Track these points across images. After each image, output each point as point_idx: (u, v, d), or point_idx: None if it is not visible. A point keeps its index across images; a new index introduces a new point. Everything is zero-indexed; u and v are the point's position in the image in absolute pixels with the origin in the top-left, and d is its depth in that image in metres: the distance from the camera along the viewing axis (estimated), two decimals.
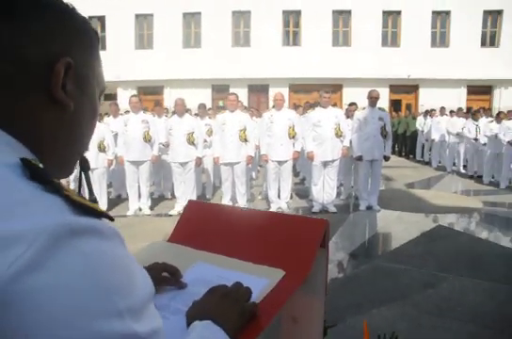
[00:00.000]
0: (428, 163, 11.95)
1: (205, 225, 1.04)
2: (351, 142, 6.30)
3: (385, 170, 9.79)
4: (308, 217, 0.97)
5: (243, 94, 16.50)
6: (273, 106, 6.42)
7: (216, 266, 0.93)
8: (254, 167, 8.76)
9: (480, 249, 4.74)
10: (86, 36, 0.55)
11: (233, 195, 6.31)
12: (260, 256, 0.91)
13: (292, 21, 18.98)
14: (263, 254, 0.94)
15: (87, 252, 0.39)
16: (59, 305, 0.37)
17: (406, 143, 14.04)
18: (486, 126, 8.91)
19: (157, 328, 0.46)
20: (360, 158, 6.27)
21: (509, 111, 8.96)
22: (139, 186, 6.27)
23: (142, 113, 6.26)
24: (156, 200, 7.12)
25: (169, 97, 16.98)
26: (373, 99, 6.18)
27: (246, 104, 15.59)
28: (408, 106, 18.71)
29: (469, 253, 4.57)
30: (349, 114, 7.03)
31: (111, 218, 0.45)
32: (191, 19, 18.83)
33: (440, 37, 19.20)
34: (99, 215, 0.43)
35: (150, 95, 18.57)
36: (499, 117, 8.66)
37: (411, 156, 13.53)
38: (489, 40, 19.39)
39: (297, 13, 18.71)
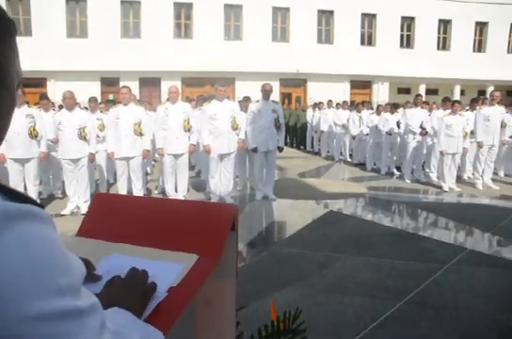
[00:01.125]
0: (318, 153, 12.73)
1: (116, 217, 1.03)
2: (246, 134, 6.47)
3: (279, 161, 10.17)
4: (218, 204, 1.03)
5: (134, 87, 15.94)
6: (167, 100, 6.35)
7: (129, 256, 0.94)
8: (149, 161, 8.60)
9: (366, 229, 5.20)
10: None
11: (129, 190, 6.15)
12: (174, 244, 0.94)
13: (183, 13, 18.76)
14: (176, 241, 0.96)
15: (25, 235, 0.41)
16: (2, 286, 0.38)
17: (296, 135, 14.73)
18: (367, 118, 9.73)
19: (95, 302, 0.48)
20: (254, 150, 6.47)
21: (386, 104, 9.87)
22: (25, 186, 5.83)
23: (26, 107, 5.80)
24: (46, 199, 6.67)
25: (53, 90, 15.86)
26: (266, 92, 6.41)
27: (137, 97, 15.13)
28: (298, 99, 19.65)
29: (357, 234, 4.99)
30: (243, 108, 7.18)
31: (41, 206, 0.46)
32: (76, 6, 17.72)
33: (325, 34, 20.34)
34: (30, 202, 0.44)
35: (32, 88, 17.15)
36: (378, 109, 9.50)
37: (302, 147, 14.25)
38: (367, 39, 21.03)
39: (189, 6, 18.55)
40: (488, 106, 7.63)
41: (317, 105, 12.71)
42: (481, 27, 23.00)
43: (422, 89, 21.09)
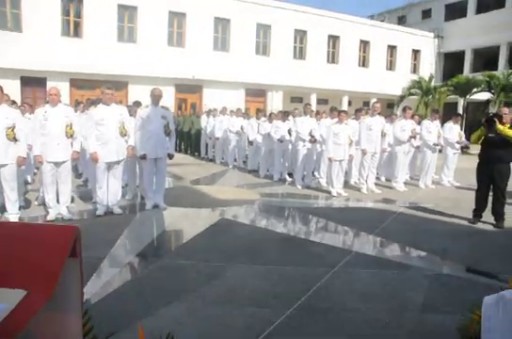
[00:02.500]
0: (212, 160, 12.66)
1: None
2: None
3: (172, 168, 9.96)
4: (54, 226, 0.86)
5: (13, 87, 14.59)
6: (47, 102, 5.80)
7: None
8: (29, 169, 7.85)
9: (258, 236, 5.20)
10: None
11: (2, 201, 5.52)
12: None
13: (73, 9, 17.62)
14: (2, 274, 0.79)
15: None
16: None
17: (191, 141, 14.54)
18: (261, 125, 9.90)
19: None
20: (143, 157, 6.19)
21: (278, 112, 10.15)
22: None
23: None
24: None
25: None
26: (155, 97, 6.17)
27: (18, 98, 13.89)
28: (193, 105, 19.49)
29: (249, 242, 4.96)
30: (133, 113, 6.85)
31: None
32: None
33: (221, 41, 20.49)
34: None
35: None
36: (271, 117, 9.72)
37: (196, 154, 14.08)
38: (262, 49, 21.62)
39: (80, 2, 17.48)
40: (371, 117, 8.18)
41: (212, 112, 12.66)
42: (365, 45, 24.87)
43: (313, 99, 22.19)
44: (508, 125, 5.87)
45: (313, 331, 2.97)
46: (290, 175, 9.25)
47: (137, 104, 7.54)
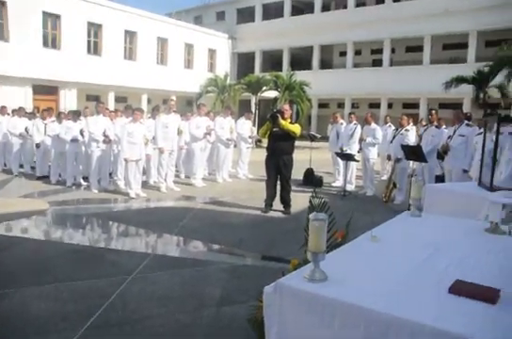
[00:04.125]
0: None
1: None
2: None
3: None
4: None
5: None
6: None
7: None
8: None
9: (46, 251, 4.63)
10: None
11: None
12: None
13: None
14: None
15: None
16: None
17: None
18: (48, 126, 8.96)
19: None
20: None
21: (69, 111, 9.34)
22: None
23: None
24: None
25: None
26: None
27: None
28: None
29: (35, 259, 4.39)
30: None
31: None
32: None
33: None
34: None
35: None
36: (60, 117, 8.87)
37: None
38: (51, 41, 19.72)
39: None
40: (166, 114, 8.13)
41: None
42: (162, 42, 24.87)
43: (111, 97, 21.25)
44: (289, 120, 6.49)
45: None
46: (85, 179, 8.57)
47: None
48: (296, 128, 6.32)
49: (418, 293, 1.68)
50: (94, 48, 21.52)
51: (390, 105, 24.93)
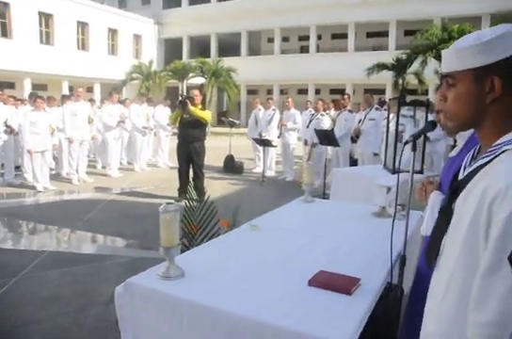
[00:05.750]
0: None
1: None
2: None
3: None
4: None
5: None
6: None
7: None
8: None
9: None
10: None
11: None
12: None
13: None
14: None
15: None
16: None
17: None
18: None
19: None
20: None
21: None
22: None
23: None
24: None
25: None
26: None
27: None
28: None
29: None
30: None
31: None
32: None
33: None
34: None
35: None
36: None
37: None
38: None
39: None
40: (75, 102, 7.65)
41: None
42: (83, 27, 23.57)
43: (27, 84, 19.94)
44: (200, 106, 6.28)
45: None
46: None
47: None
48: (207, 114, 6.16)
49: (275, 288, 1.61)
50: (3, 30, 19.91)
51: (318, 91, 25.35)
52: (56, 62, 20.62)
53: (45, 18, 21.55)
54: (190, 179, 6.21)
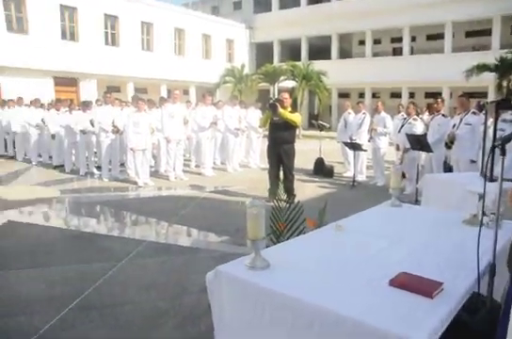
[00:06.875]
0: (14, 157, 11.31)
1: None
2: None
3: None
4: None
5: None
6: None
7: None
8: None
9: (46, 236, 4.80)
10: None
11: None
12: None
13: None
14: None
15: None
16: None
17: None
18: (61, 117, 9.16)
19: None
20: None
21: (83, 102, 9.51)
22: None
23: None
24: None
25: None
26: None
27: None
28: None
29: (33, 244, 4.55)
30: None
31: None
32: None
33: (16, 22, 18.24)
34: None
35: None
36: (71, 108, 9.06)
37: None
38: (69, 34, 19.96)
39: None
40: (172, 104, 8.20)
41: (6, 103, 11.25)
42: (179, 33, 24.90)
43: (131, 88, 21.50)
44: (289, 109, 6.44)
45: (85, 330, 2.85)
46: (98, 168, 8.78)
47: None
48: (296, 117, 6.29)
49: (356, 284, 1.66)
50: (112, 40, 21.71)
51: (412, 95, 24.41)
52: (156, 67, 22.04)
53: (147, 27, 23.14)
54: (280, 180, 6.38)
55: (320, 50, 27.14)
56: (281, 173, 6.51)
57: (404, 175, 7.36)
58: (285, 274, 1.75)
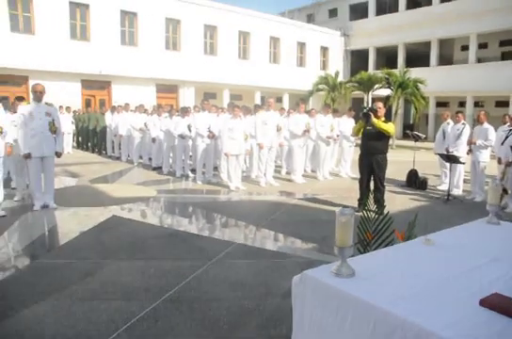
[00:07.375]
0: (119, 158, 12.35)
1: None
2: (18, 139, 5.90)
3: (73, 167, 9.67)
4: None
5: None
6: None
7: None
8: None
9: (144, 232, 5.20)
10: None
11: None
12: None
13: None
14: None
15: None
16: None
17: (97, 139, 14.07)
18: (161, 122, 9.82)
19: None
20: (28, 156, 5.93)
21: (181, 108, 10.11)
22: None
23: None
24: None
25: None
26: (37, 93, 5.93)
27: None
28: (102, 102, 18.82)
29: (133, 238, 4.95)
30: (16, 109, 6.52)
31: None
32: None
33: (129, 36, 19.90)
34: None
35: None
36: (171, 113, 9.67)
37: (104, 152, 13.68)
38: (172, 44, 21.29)
39: None
40: (266, 111, 8.43)
41: (115, 109, 12.33)
42: (275, 41, 25.42)
43: (226, 95, 22.34)
44: (383, 119, 6.34)
45: (175, 321, 3.06)
46: (193, 171, 9.29)
47: (22, 100, 7.17)
48: (390, 127, 6.17)
49: (443, 301, 1.62)
50: (210, 49, 22.77)
51: None
52: (251, 74, 22.70)
53: (243, 36, 23.92)
54: (370, 191, 6.29)
55: (418, 57, 26.13)
56: (372, 184, 6.42)
57: (506, 191, 6.87)
58: (370, 283, 1.76)
